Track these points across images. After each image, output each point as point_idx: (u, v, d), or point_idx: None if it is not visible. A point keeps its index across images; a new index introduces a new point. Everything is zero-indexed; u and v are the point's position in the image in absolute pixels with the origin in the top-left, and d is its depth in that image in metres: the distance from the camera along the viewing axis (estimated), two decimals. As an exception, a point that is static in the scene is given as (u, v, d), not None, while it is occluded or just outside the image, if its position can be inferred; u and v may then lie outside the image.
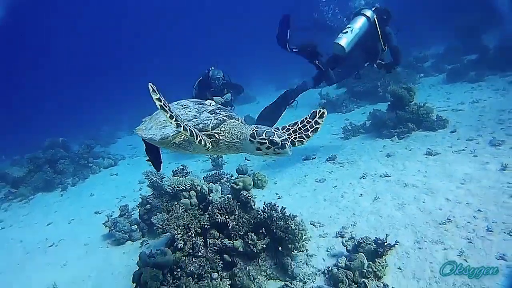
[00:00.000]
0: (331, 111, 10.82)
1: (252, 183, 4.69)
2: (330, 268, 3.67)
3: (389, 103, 8.00)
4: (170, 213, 4.10)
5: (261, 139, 2.15)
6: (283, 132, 2.49)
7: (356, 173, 6.10)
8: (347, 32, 6.40)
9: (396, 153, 6.53)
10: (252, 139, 2.20)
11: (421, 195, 4.86)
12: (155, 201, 5.58)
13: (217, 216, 3.93)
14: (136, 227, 5.74)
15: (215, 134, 2.34)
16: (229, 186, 4.85)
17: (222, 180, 6.09)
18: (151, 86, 1.88)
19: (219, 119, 2.37)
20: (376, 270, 3.32)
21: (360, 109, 10.27)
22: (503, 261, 3.33)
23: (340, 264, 3.43)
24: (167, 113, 1.92)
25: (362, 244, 3.61)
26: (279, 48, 6.67)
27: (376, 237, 3.57)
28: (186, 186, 4.63)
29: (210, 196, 4.57)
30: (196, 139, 2.11)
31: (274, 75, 20.13)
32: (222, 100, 8.13)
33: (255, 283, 3.59)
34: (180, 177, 5.39)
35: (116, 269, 4.91)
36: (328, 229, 4.52)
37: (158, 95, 1.89)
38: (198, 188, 4.61)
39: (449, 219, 4.15)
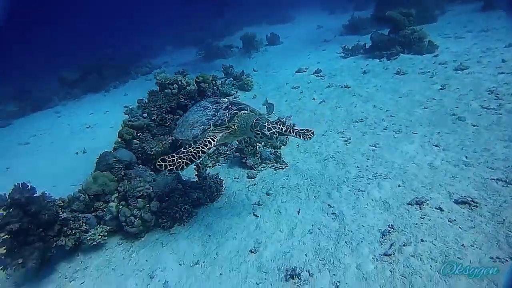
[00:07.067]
0: (351, 33, 11.70)
1: (211, 78, 6.35)
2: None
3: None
4: (152, 97, 5.99)
5: (256, 130, 2.91)
6: (278, 125, 3.10)
7: (326, 84, 7.41)
8: None
9: (372, 71, 7.62)
10: (251, 129, 2.96)
11: (358, 102, 6.15)
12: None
13: (182, 99, 5.73)
14: (146, 114, 7.81)
15: (232, 126, 3.15)
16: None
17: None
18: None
19: (231, 113, 3.17)
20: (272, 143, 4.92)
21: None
22: (373, 147, 4.66)
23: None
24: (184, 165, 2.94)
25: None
26: None
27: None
28: (171, 80, 6.39)
29: (188, 88, 6.30)
30: (209, 149, 3.05)
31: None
32: None
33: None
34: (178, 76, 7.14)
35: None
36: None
37: (167, 167, 2.92)
38: (179, 82, 6.36)
39: (362, 120, 5.48)
